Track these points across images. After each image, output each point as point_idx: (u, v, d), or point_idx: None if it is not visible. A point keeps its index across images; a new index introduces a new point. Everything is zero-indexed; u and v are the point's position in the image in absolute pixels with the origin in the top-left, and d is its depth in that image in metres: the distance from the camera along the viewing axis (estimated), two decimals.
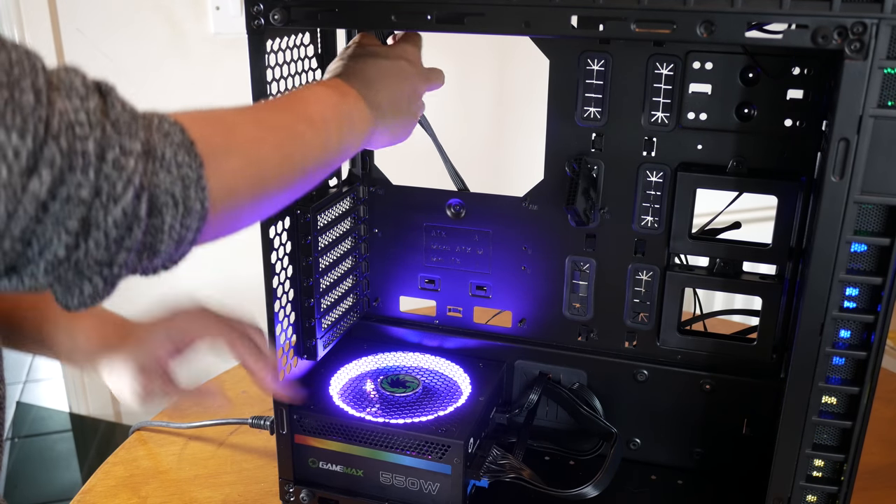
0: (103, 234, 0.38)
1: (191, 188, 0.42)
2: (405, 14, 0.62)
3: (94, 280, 0.40)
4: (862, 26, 0.52)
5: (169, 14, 1.59)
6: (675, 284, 0.78)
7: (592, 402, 0.84)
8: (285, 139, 0.54)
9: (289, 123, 0.55)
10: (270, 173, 0.51)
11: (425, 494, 0.76)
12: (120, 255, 0.40)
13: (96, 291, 0.40)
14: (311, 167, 0.56)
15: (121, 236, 0.39)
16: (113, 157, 0.38)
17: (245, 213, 0.50)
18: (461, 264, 0.86)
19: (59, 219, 0.36)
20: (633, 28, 0.57)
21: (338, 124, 0.60)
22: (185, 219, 0.42)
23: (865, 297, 0.59)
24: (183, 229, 0.43)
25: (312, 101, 0.60)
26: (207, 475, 0.89)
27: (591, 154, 0.78)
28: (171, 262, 0.45)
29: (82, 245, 0.38)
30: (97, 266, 0.39)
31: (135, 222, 0.39)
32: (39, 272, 0.38)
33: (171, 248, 0.43)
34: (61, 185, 0.36)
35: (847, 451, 0.63)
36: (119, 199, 0.38)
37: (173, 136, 0.42)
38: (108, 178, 0.38)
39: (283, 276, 0.76)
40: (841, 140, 0.55)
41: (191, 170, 0.42)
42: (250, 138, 0.50)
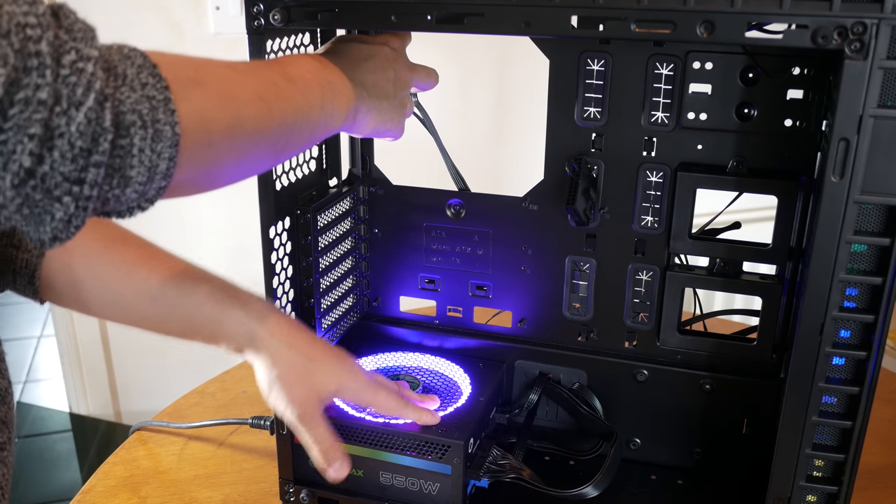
0: (68, 143, 0.37)
1: (158, 109, 0.41)
2: (405, 14, 0.62)
3: (64, 200, 0.38)
4: (862, 26, 0.52)
5: (169, 14, 1.59)
6: (675, 284, 0.78)
7: (592, 402, 0.84)
8: (262, 86, 0.52)
9: (266, 75, 0.54)
10: (247, 114, 0.49)
11: (425, 494, 0.76)
12: (89, 171, 0.38)
13: (68, 215, 0.39)
14: (292, 121, 0.55)
15: (87, 148, 0.38)
16: (70, 61, 0.37)
17: (223, 155, 0.48)
18: (461, 264, 0.86)
19: (20, 125, 0.35)
20: (633, 28, 0.57)
21: (319, 87, 0.59)
22: (156, 143, 0.41)
23: (865, 297, 0.59)
24: (154, 155, 0.41)
25: (292, 62, 0.59)
26: (207, 475, 0.89)
27: (591, 154, 0.78)
28: (146, 199, 0.44)
29: (47, 156, 0.37)
30: (66, 183, 0.38)
31: (101, 133, 0.38)
32: (6, 186, 0.36)
33: (142, 177, 0.41)
34: (18, 88, 0.35)
35: (847, 451, 0.63)
36: (81, 105, 0.37)
37: (134, 58, 0.41)
38: (67, 81, 0.36)
39: (283, 276, 0.76)
40: (841, 140, 0.55)
41: (157, 91, 0.41)
42: (223, 76, 0.49)
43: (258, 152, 0.52)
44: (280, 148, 0.55)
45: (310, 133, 0.59)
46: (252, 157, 0.52)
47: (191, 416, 1.00)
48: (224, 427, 0.96)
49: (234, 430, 0.96)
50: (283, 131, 0.54)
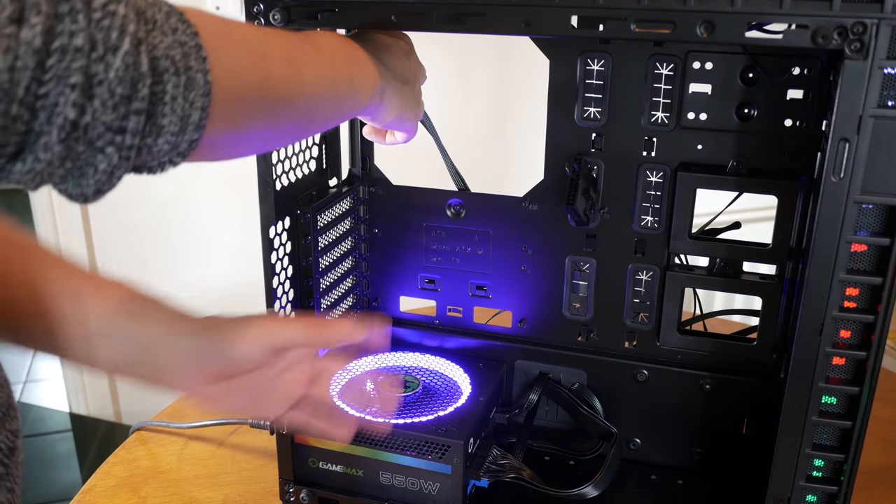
0: (108, 91, 0.36)
1: (190, 56, 0.40)
2: (405, 14, 0.62)
3: (107, 151, 0.37)
4: (862, 26, 0.52)
5: None
6: (675, 284, 0.78)
7: (592, 402, 0.84)
8: (290, 49, 0.51)
9: (293, 41, 0.53)
10: (277, 73, 0.48)
11: (425, 494, 0.76)
12: (130, 119, 0.37)
13: (111, 165, 0.38)
14: (321, 89, 0.54)
15: (127, 95, 0.37)
16: (100, 4, 0.35)
17: (254, 114, 0.47)
18: (461, 264, 0.86)
19: (60, 75, 0.34)
20: (633, 28, 0.57)
21: (347, 61, 0.58)
22: (188, 91, 0.40)
23: (865, 297, 0.59)
24: (186, 104, 0.40)
25: (318, 36, 0.58)
26: (207, 475, 0.89)
27: (591, 154, 0.78)
28: (178, 153, 0.43)
29: (89, 106, 0.36)
30: (109, 133, 0.37)
31: (139, 79, 0.37)
32: (53, 140, 0.35)
33: (175, 126, 0.40)
34: (53, 37, 0.34)
35: (847, 451, 0.63)
36: (117, 50, 0.36)
37: (160, 5, 0.40)
38: (101, 25, 0.35)
39: (283, 276, 0.76)
40: (841, 140, 0.55)
41: (187, 37, 0.40)
42: (251, 33, 0.48)
43: (287, 119, 0.52)
44: (309, 118, 0.55)
45: (338, 106, 0.58)
46: (281, 124, 0.51)
47: (191, 416, 1.00)
48: (224, 427, 0.96)
49: (234, 430, 0.96)
50: (313, 99, 0.54)
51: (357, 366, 0.86)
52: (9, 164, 0.36)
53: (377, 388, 0.80)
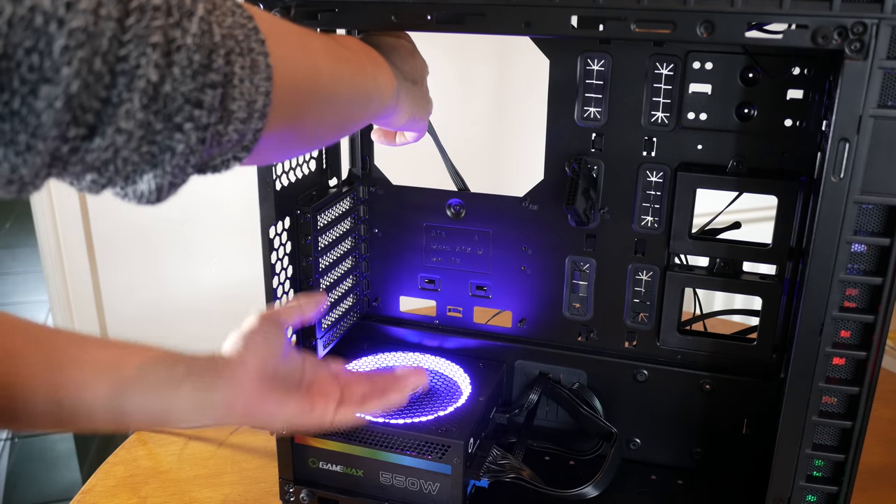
0: (186, 58, 0.35)
1: (251, 38, 0.39)
2: (405, 14, 0.62)
3: (185, 128, 0.36)
4: (862, 26, 0.52)
5: None
6: (675, 284, 0.78)
7: (592, 402, 0.84)
8: (330, 45, 0.52)
9: (327, 38, 0.54)
10: (322, 65, 0.49)
11: (425, 494, 0.76)
12: (206, 92, 0.37)
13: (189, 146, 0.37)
14: (357, 84, 0.55)
15: (204, 63, 0.36)
16: None
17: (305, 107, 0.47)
18: (461, 264, 0.86)
19: (141, 34, 0.33)
20: (633, 28, 0.57)
21: (369, 59, 0.59)
22: (253, 74, 0.40)
23: (865, 297, 0.59)
24: (252, 88, 0.40)
25: (341, 37, 0.59)
26: (207, 475, 0.89)
27: (591, 154, 0.78)
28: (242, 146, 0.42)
29: (168, 73, 0.35)
30: (188, 105, 0.36)
31: (213, 49, 0.37)
32: (136, 107, 0.34)
33: (243, 113, 0.40)
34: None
35: (847, 451, 0.63)
36: (192, 14, 0.35)
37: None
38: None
39: (283, 276, 0.76)
40: (841, 140, 0.55)
41: (244, 19, 0.40)
42: (292, 26, 0.48)
43: (330, 115, 0.52)
44: (347, 115, 0.55)
45: (368, 106, 0.58)
46: (326, 120, 0.51)
47: None
48: (224, 427, 0.96)
49: (234, 430, 0.96)
50: (351, 95, 0.54)
51: (357, 366, 0.86)
52: (85, 143, 0.34)
53: None
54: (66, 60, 0.31)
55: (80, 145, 0.34)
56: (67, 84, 0.31)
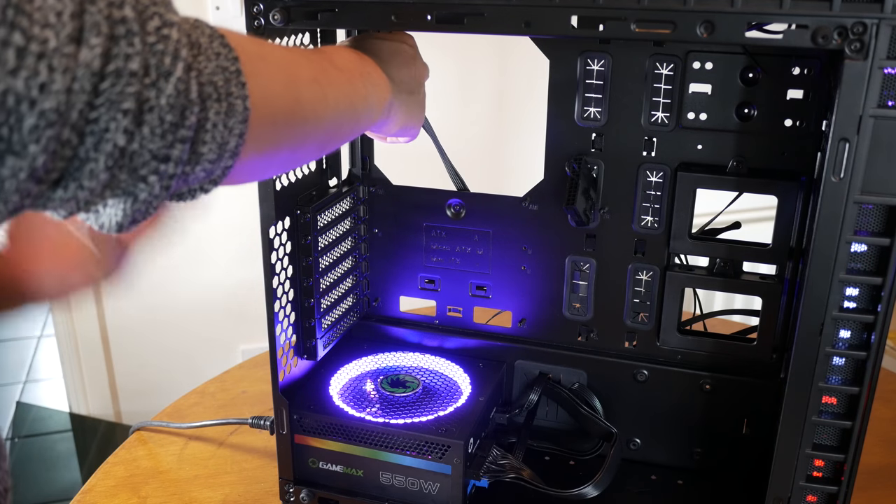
0: (158, 118, 0.35)
1: (231, 82, 0.39)
2: (405, 14, 0.62)
3: (149, 180, 0.36)
4: (862, 26, 0.52)
5: None
6: (675, 284, 0.78)
7: (592, 402, 0.84)
8: (316, 70, 0.52)
9: (316, 60, 0.54)
10: (307, 96, 0.49)
11: (425, 494, 0.76)
12: (175, 147, 0.37)
13: (151, 195, 0.37)
14: (343, 108, 0.55)
15: (175, 122, 0.36)
16: (154, 27, 0.35)
17: (284, 138, 0.47)
18: (461, 264, 0.86)
19: (112, 100, 0.33)
20: (633, 28, 0.57)
21: (361, 78, 0.59)
22: (228, 118, 0.40)
23: (865, 297, 0.59)
24: (226, 131, 0.40)
25: (334, 52, 0.59)
26: (207, 475, 0.89)
27: (591, 154, 0.78)
28: (211, 180, 0.42)
29: (137, 133, 0.35)
30: (154, 161, 0.36)
31: (188, 106, 0.36)
32: (100, 168, 0.34)
33: (213, 154, 0.39)
34: (110, 59, 0.33)
35: (847, 451, 0.63)
36: (170, 75, 0.35)
37: (203, 27, 0.39)
38: (154, 49, 0.34)
39: (283, 276, 0.76)
40: (841, 140, 0.55)
41: (228, 61, 0.39)
42: (282, 55, 0.48)
43: (313, 139, 0.52)
44: (330, 136, 0.55)
45: (355, 123, 0.58)
46: (306, 144, 0.51)
47: (191, 416, 1.00)
48: (224, 427, 0.96)
49: (234, 430, 0.96)
50: (335, 119, 0.54)
51: (357, 366, 0.86)
52: (49, 191, 0.34)
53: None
54: (34, 138, 0.31)
55: (42, 193, 0.34)
56: (34, 158, 0.31)
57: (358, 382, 0.84)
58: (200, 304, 1.83)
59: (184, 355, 1.85)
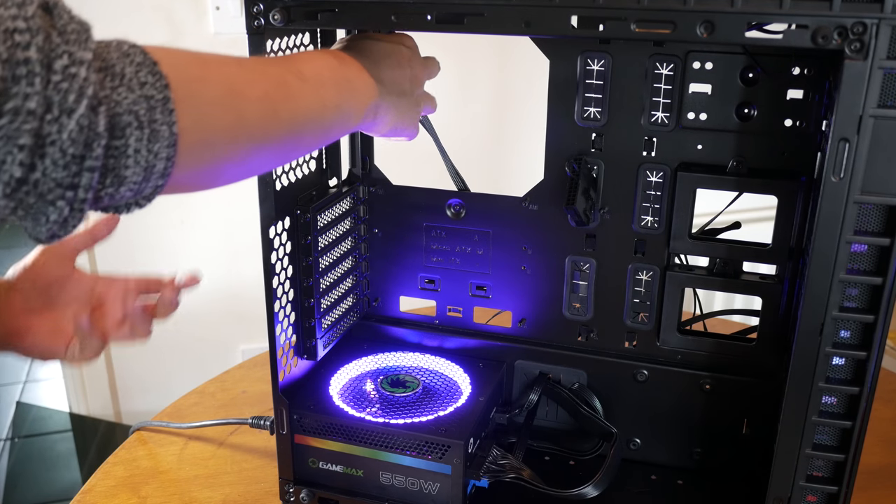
0: (59, 151, 0.36)
1: (156, 109, 0.40)
2: (405, 14, 0.62)
3: (58, 204, 0.38)
4: (862, 26, 0.52)
5: (169, 14, 1.59)
6: (675, 284, 0.78)
7: (592, 402, 0.84)
8: (270, 85, 0.51)
9: (276, 73, 0.53)
10: (252, 114, 0.49)
11: (425, 494, 0.76)
12: (83, 175, 0.38)
13: (62, 217, 0.38)
14: (301, 121, 0.54)
15: (80, 154, 0.37)
16: (61, 66, 0.35)
17: (224, 155, 0.47)
18: (461, 264, 0.86)
19: (9, 136, 0.34)
20: (633, 28, 0.57)
21: (335, 86, 0.58)
22: (152, 143, 0.40)
23: (865, 297, 0.59)
24: (150, 155, 0.40)
25: (308, 60, 0.58)
26: (207, 475, 0.89)
27: (591, 154, 0.78)
28: (144, 197, 0.43)
29: (39, 164, 0.36)
30: (59, 188, 0.37)
31: (94, 139, 0.37)
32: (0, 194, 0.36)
33: (138, 177, 0.41)
34: (7, 98, 0.34)
35: (847, 451, 0.63)
36: (73, 112, 0.36)
37: (134, 56, 0.40)
38: (58, 88, 0.35)
39: (283, 276, 0.76)
40: (841, 140, 0.55)
41: (155, 90, 0.40)
42: (229, 74, 0.48)
43: (262, 153, 0.51)
44: (288, 148, 0.55)
45: (323, 133, 0.58)
46: (256, 158, 0.51)
47: (191, 416, 1.00)
48: (224, 427, 0.96)
49: (234, 430, 0.96)
50: (291, 132, 0.53)
51: (357, 366, 0.86)
52: None
53: None
54: None
55: None
56: None
57: (358, 382, 0.84)
58: (200, 304, 1.83)
59: (184, 355, 1.85)
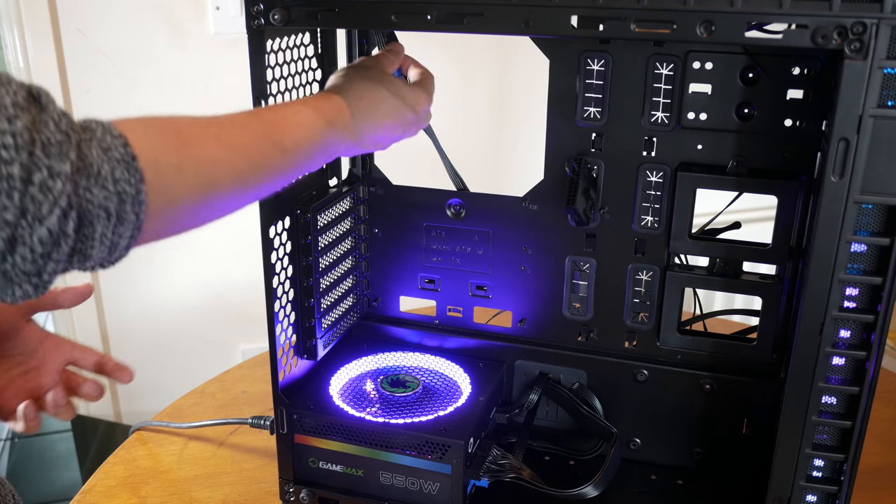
0: (29, 250, 0.39)
1: (127, 203, 0.43)
2: (405, 14, 0.62)
3: (24, 286, 0.41)
4: (862, 26, 0.52)
5: (169, 14, 1.59)
6: (675, 284, 0.78)
7: (592, 402, 0.84)
8: (246, 162, 0.52)
9: (256, 144, 0.54)
10: (221, 189, 0.50)
11: (425, 494, 0.76)
12: (48, 266, 0.40)
13: (27, 294, 0.42)
14: (269, 185, 0.56)
15: (47, 252, 0.40)
16: (39, 180, 0.38)
17: (187, 220, 0.49)
18: (461, 264, 0.86)
19: None
20: (633, 28, 0.57)
21: (309, 151, 0.59)
22: (118, 228, 0.43)
23: (865, 297, 0.59)
24: (115, 236, 0.43)
25: (293, 126, 0.58)
26: (207, 475, 0.89)
27: (591, 154, 0.78)
28: (108, 261, 0.45)
29: (9, 258, 0.39)
30: (25, 276, 0.40)
31: (62, 238, 0.40)
32: None
33: (103, 254, 0.43)
34: None
35: (847, 451, 0.63)
36: (44, 220, 0.39)
37: (114, 150, 0.42)
38: (34, 199, 0.38)
39: (283, 276, 0.76)
40: (841, 140, 0.55)
41: (129, 185, 0.43)
42: (206, 157, 0.49)
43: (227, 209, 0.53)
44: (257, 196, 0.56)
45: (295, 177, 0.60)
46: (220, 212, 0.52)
47: (191, 416, 1.00)
48: (224, 427, 0.96)
49: (234, 430, 0.96)
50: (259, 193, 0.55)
51: (357, 366, 0.86)
52: None
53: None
54: None
55: None
56: None
57: (358, 382, 0.84)
58: (200, 304, 1.83)
59: (184, 355, 1.85)
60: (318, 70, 0.79)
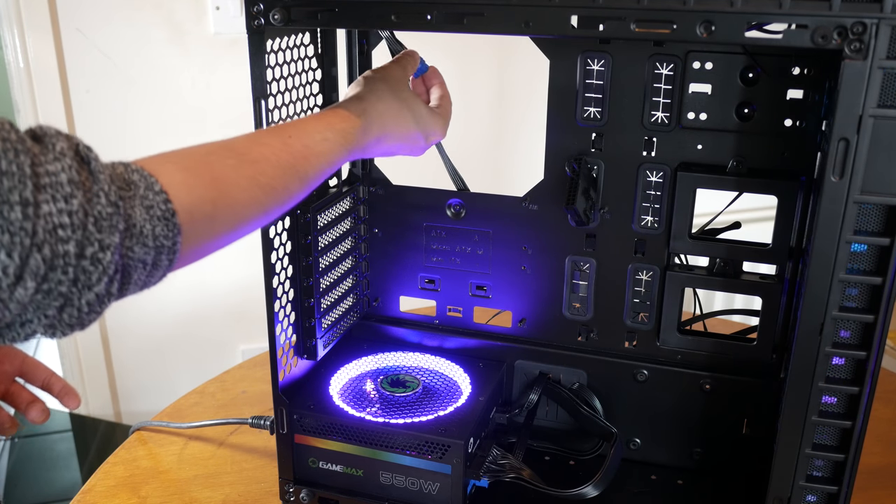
0: (76, 310, 0.42)
1: (163, 254, 0.45)
2: (405, 14, 0.62)
3: (65, 332, 0.44)
4: (862, 26, 0.52)
5: (169, 14, 1.59)
6: (675, 284, 0.78)
7: (592, 402, 0.84)
8: (273, 199, 0.55)
9: (283, 179, 0.55)
10: (246, 227, 0.53)
11: (425, 494, 0.76)
12: (91, 316, 0.43)
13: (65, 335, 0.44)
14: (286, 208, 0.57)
15: (92, 310, 0.43)
16: (91, 253, 0.41)
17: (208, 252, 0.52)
18: (461, 264, 0.86)
19: (40, 307, 0.40)
20: (633, 28, 0.57)
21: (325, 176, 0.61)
22: (153, 272, 0.46)
23: (865, 297, 0.59)
24: (148, 279, 0.46)
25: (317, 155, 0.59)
26: (207, 475, 0.89)
27: (591, 154, 0.78)
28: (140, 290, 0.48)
29: (57, 316, 0.42)
30: (69, 327, 0.43)
31: (106, 298, 0.43)
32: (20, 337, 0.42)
33: (135, 290, 0.46)
34: (44, 282, 0.39)
35: (847, 451, 0.63)
36: (92, 288, 0.42)
37: (156, 208, 0.44)
38: (85, 271, 0.41)
39: (283, 275, 0.76)
40: (841, 140, 0.55)
41: (167, 240, 0.45)
42: (240, 203, 0.51)
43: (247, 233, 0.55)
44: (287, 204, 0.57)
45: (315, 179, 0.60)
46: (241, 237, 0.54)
47: (191, 416, 1.00)
48: (224, 427, 0.96)
49: (234, 430, 0.96)
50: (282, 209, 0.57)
51: (357, 366, 0.86)
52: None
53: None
54: None
55: None
56: None
57: (358, 382, 0.84)
58: (200, 304, 1.83)
59: (184, 355, 1.85)
60: (318, 70, 0.79)
